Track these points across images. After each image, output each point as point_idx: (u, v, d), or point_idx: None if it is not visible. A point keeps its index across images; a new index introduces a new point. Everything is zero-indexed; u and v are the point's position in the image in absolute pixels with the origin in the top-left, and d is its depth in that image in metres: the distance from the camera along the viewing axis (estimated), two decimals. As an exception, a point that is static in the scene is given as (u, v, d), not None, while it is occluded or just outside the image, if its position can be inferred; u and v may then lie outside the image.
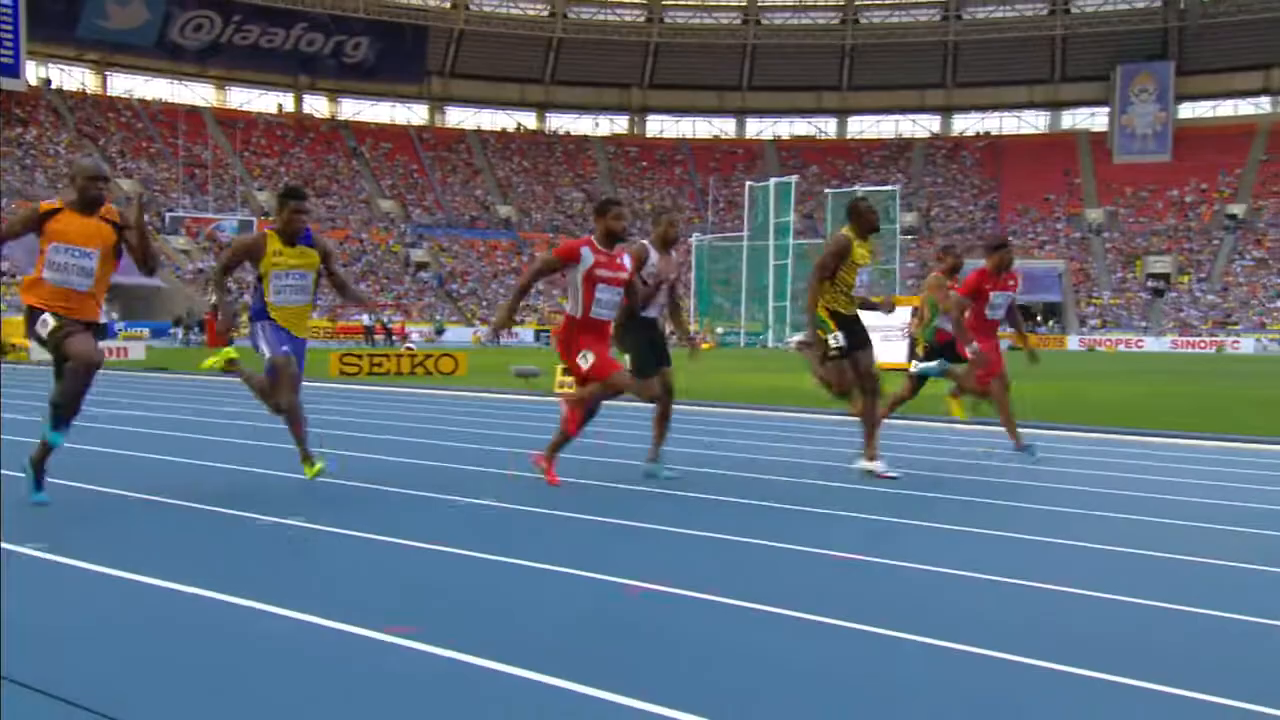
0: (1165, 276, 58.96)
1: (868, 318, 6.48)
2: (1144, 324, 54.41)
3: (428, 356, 18.29)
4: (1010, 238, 66.47)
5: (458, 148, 73.98)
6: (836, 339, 6.36)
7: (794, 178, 35.67)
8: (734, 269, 47.20)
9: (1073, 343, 51.18)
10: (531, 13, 74.56)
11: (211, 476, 5.79)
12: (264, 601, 3.10)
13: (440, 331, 46.15)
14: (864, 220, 6.44)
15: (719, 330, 42.91)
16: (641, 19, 75.57)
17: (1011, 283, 7.32)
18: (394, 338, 38.54)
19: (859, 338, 6.42)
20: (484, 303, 57.25)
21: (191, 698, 2.38)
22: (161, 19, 64.34)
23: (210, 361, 5.72)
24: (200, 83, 70.84)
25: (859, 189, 47.70)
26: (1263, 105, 71.43)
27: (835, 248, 6.42)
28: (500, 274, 60.79)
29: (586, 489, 5.58)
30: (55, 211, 4.64)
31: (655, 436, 6.14)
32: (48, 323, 4.59)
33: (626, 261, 5.76)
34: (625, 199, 72.09)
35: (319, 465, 5.32)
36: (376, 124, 74.03)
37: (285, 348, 5.26)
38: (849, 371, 6.45)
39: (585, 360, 5.60)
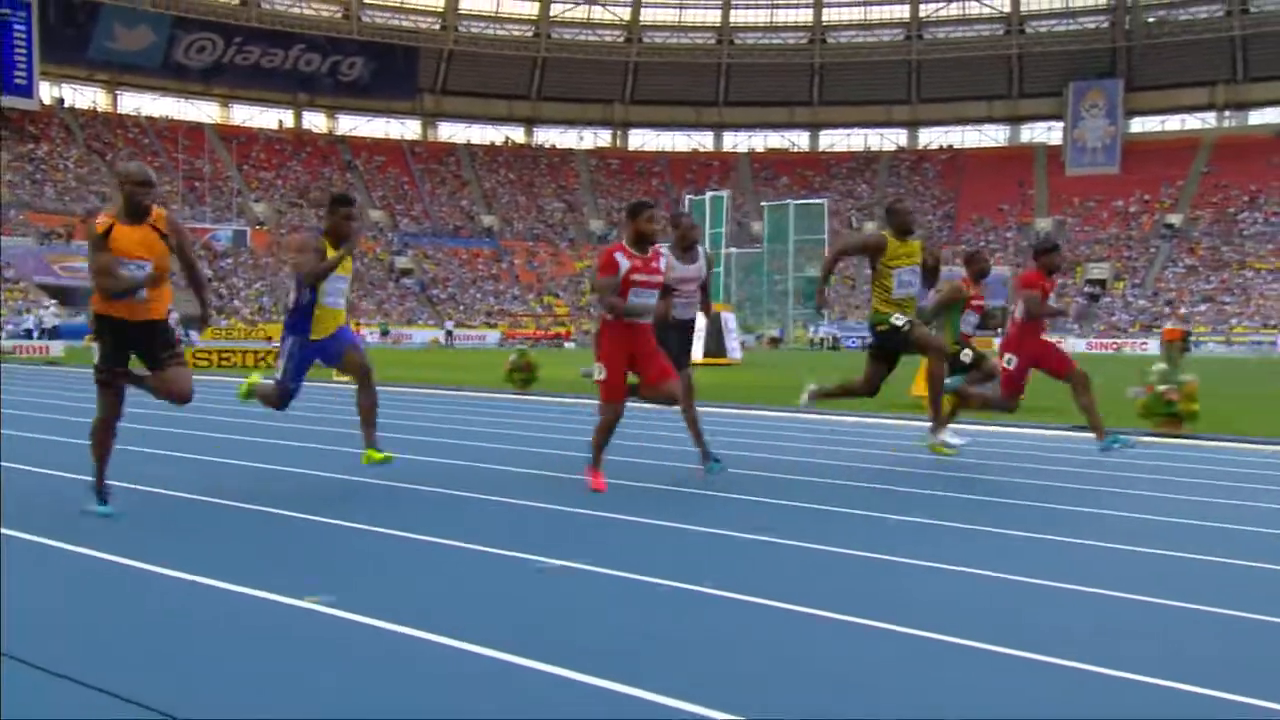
0: (1102, 282, 61.84)
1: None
2: (1074, 327, 57.28)
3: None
4: (962, 245, 69.71)
5: (448, 161, 77.40)
6: (899, 319, 6.50)
7: (726, 192, 38.68)
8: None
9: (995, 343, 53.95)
10: (517, 34, 77.99)
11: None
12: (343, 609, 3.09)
13: (385, 333, 48.72)
14: (898, 220, 6.53)
15: None
16: (621, 39, 78.95)
17: (1052, 286, 7.31)
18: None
19: (889, 349, 6.57)
20: (461, 306, 60.52)
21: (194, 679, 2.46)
22: (166, 41, 67.99)
23: (244, 388, 5.93)
24: (206, 100, 74.42)
25: (790, 202, 50.78)
26: (1208, 120, 74.20)
27: (865, 238, 6.60)
28: (479, 280, 64.08)
29: (622, 489, 5.57)
30: (110, 229, 4.58)
31: (695, 439, 6.19)
32: (95, 354, 4.63)
33: (662, 264, 5.74)
34: (604, 208, 75.58)
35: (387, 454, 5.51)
36: (372, 139, 77.52)
37: (296, 384, 5.55)
38: (862, 380, 6.77)
39: (600, 373, 5.61)
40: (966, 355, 7.65)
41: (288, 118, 76.25)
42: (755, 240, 73.75)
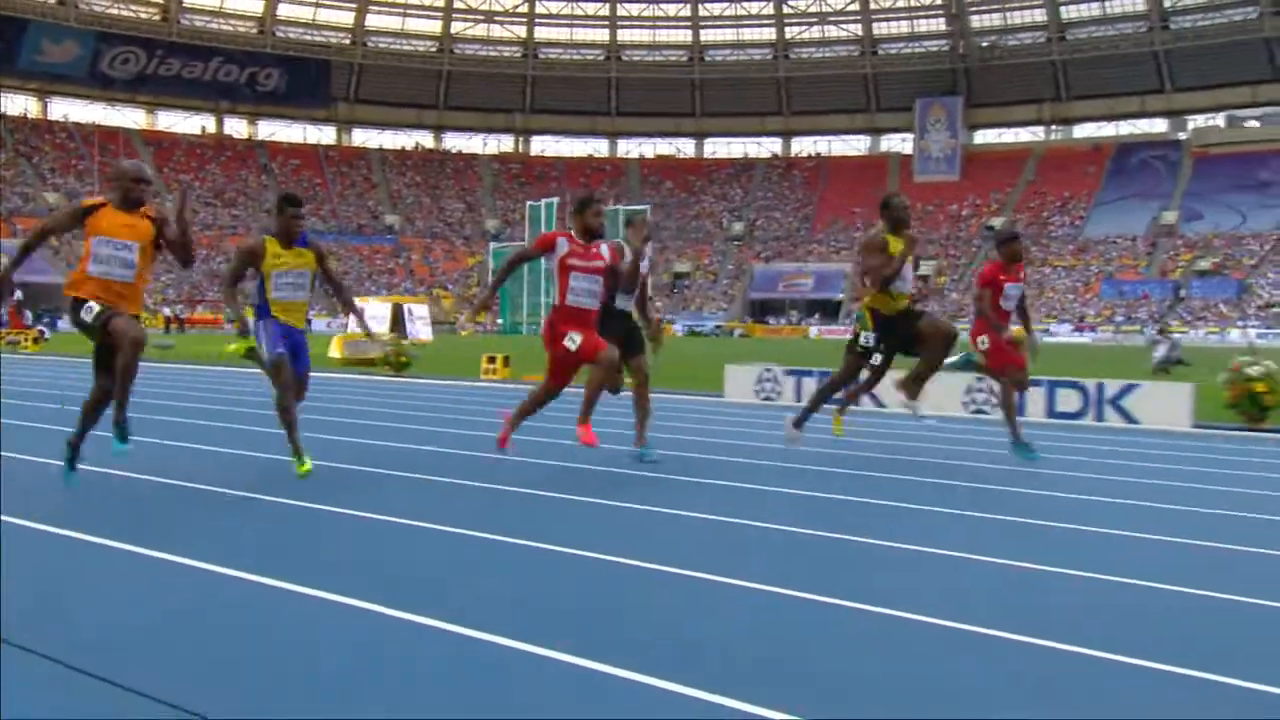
0: (925, 278, 69.19)
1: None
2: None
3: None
4: (816, 244, 76.79)
5: (359, 164, 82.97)
6: (867, 339, 6.49)
7: (555, 199, 45.04)
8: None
9: (813, 332, 60.67)
10: (422, 49, 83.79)
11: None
12: (288, 580, 3.15)
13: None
14: (895, 215, 6.41)
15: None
16: (519, 55, 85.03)
17: (1021, 275, 7.16)
18: (185, 327, 43.95)
19: (898, 336, 6.47)
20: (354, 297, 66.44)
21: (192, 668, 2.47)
22: (92, 54, 72.83)
23: (233, 347, 5.80)
24: (133, 107, 79.32)
25: (616, 207, 57.23)
26: (1038, 134, 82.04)
27: (877, 245, 6.39)
28: (375, 274, 69.90)
29: (577, 473, 5.72)
30: (98, 207, 4.63)
31: (639, 423, 6.35)
32: (93, 309, 4.61)
33: (604, 251, 5.84)
34: (501, 209, 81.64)
35: (309, 464, 5.41)
36: (290, 143, 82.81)
37: (281, 349, 5.48)
38: (872, 375, 6.79)
39: (573, 343, 5.67)
40: (877, 357, 8.20)
41: (210, 124, 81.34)
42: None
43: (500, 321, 53.31)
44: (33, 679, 2.33)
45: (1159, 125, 77.76)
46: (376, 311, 26.37)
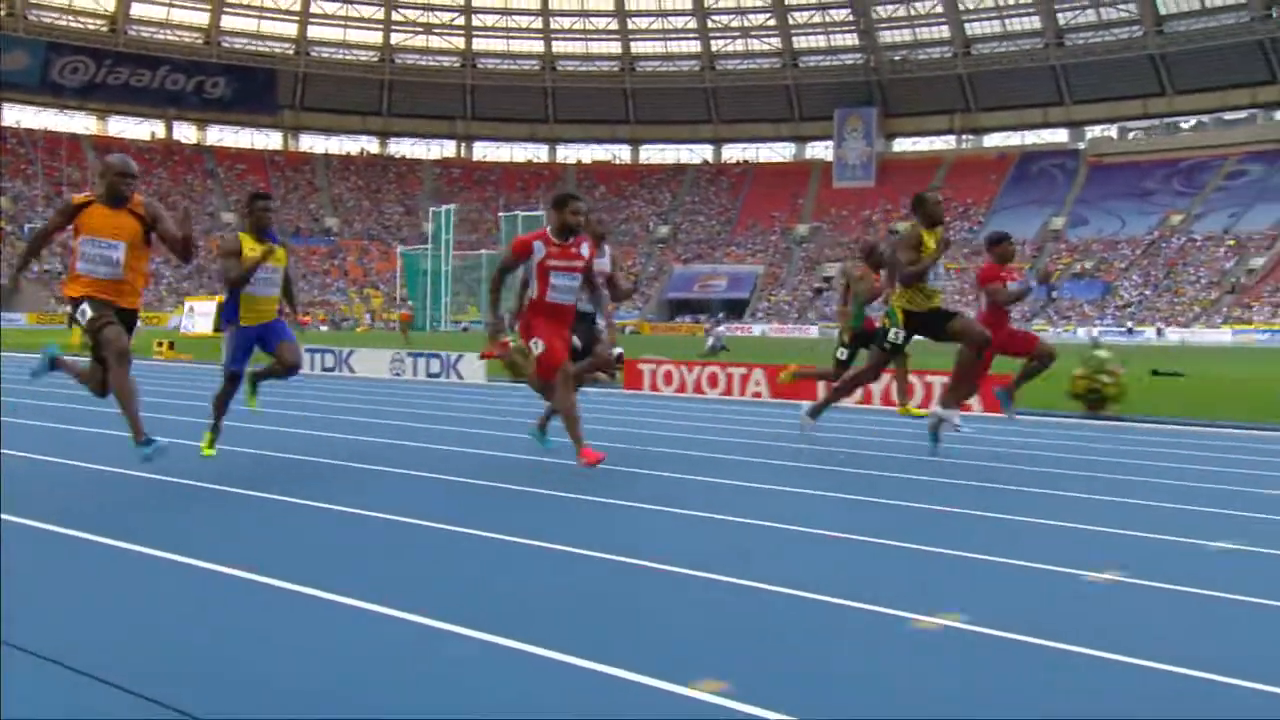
0: (829, 279, 73.32)
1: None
2: (794, 315, 68.69)
3: None
4: (734, 247, 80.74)
5: (304, 169, 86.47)
6: (897, 335, 6.46)
7: (453, 205, 48.84)
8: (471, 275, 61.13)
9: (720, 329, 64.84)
10: (364, 59, 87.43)
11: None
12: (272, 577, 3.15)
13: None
14: (929, 211, 6.46)
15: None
16: (457, 64, 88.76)
17: (1013, 276, 7.30)
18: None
19: (934, 329, 6.46)
20: (290, 296, 70.03)
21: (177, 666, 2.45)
22: (42, 63, 76.08)
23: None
24: (85, 114, 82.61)
25: (518, 213, 61.10)
26: (952, 142, 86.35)
27: (911, 241, 6.38)
28: (309, 274, 73.52)
29: (554, 468, 5.80)
30: (86, 205, 4.65)
31: (546, 411, 6.35)
32: (86, 312, 4.63)
33: (584, 250, 5.89)
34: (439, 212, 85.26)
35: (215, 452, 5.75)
36: (237, 149, 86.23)
37: (235, 367, 5.76)
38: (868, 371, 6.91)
39: (536, 347, 5.74)
40: (842, 353, 8.21)
41: (160, 129, 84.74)
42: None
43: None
44: (34, 680, 2.30)
45: (1061, 135, 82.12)
46: (205, 309, 29.64)
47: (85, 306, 4.68)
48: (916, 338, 6.67)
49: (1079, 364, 10.16)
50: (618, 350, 8.93)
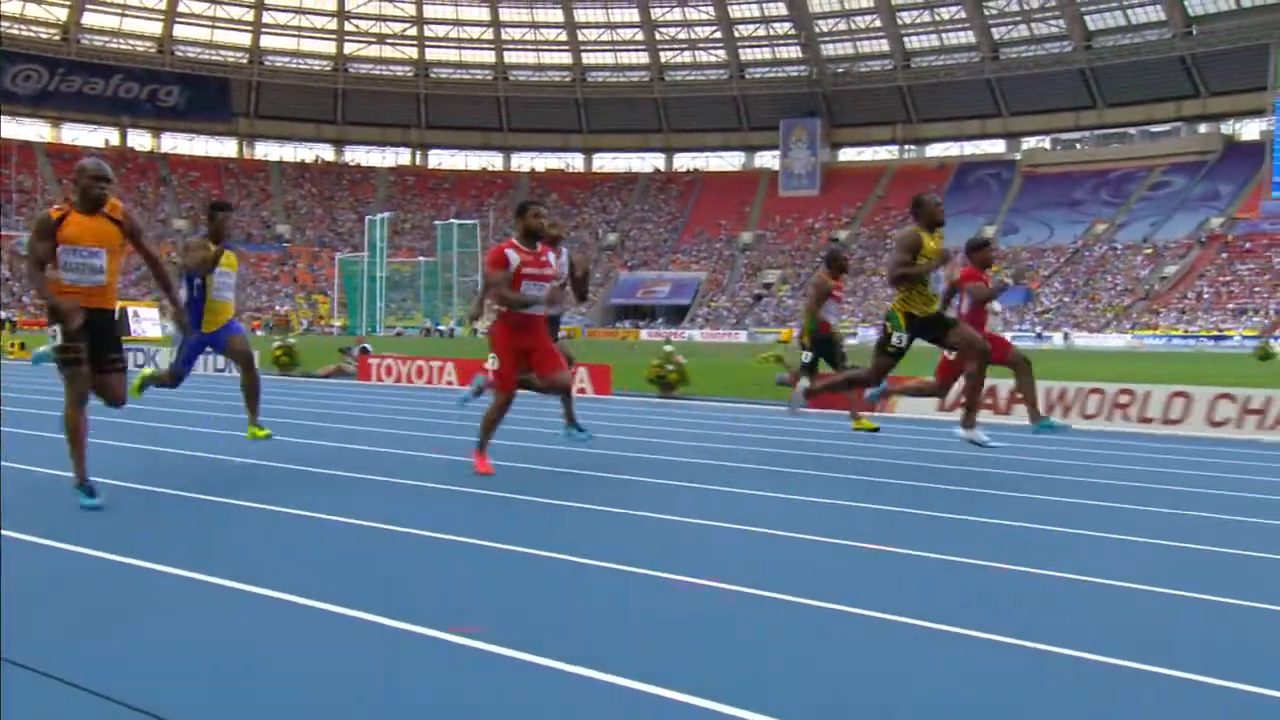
0: (769, 285, 75.89)
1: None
2: (732, 321, 71.13)
3: None
4: (679, 254, 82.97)
5: (258, 176, 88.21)
6: (900, 338, 6.47)
7: (387, 214, 50.92)
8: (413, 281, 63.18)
9: (645, 334, 66.60)
10: (317, 68, 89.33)
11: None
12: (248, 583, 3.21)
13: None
14: (928, 213, 6.46)
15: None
16: (411, 74, 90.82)
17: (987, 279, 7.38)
18: (16, 328, 49.39)
19: (934, 335, 6.49)
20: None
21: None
22: (-6, 71, 77.62)
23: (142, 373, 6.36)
24: (38, 122, 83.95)
25: (454, 222, 63.46)
26: (894, 152, 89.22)
27: (908, 243, 6.40)
28: (258, 280, 75.27)
29: (519, 470, 5.95)
30: (63, 218, 4.68)
31: (566, 406, 6.60)
32: (56, 338, 4.63)
33: (551, 258, 6.06)
34: (392, 220, 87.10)
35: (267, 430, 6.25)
36: (191, 156, 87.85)
37: (183, 368, 6.27)
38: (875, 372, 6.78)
39: (493, 364, 5.87)
40: (807, 356, 8.36)
41: (114, 137, 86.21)
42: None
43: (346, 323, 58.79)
44: (35, 698, 2.28)
45: (999, 146, 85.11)
46: (149, 314, 31.72)
47: (57, 330, 4.63)
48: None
49: (656, 358, 12.84)
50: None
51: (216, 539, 4.11)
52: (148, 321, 31.52)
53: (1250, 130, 71.98)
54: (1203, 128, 75.15)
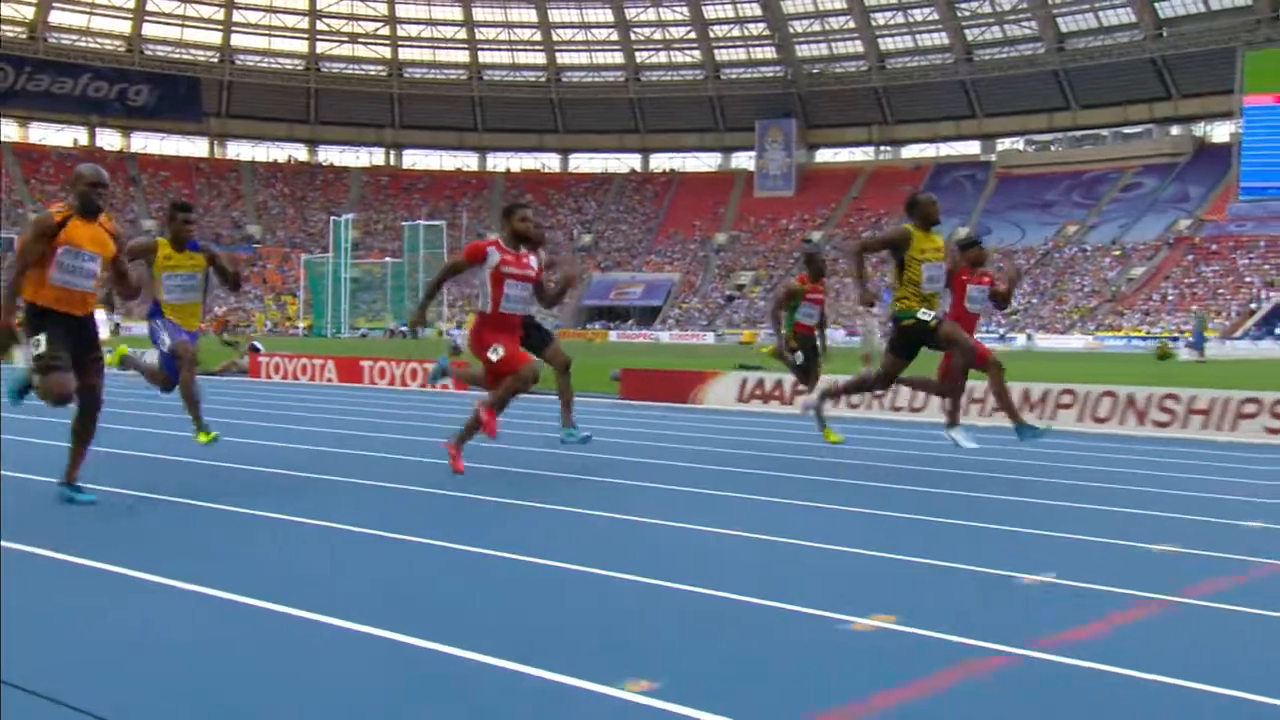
0: (741, 286, 76.85)
1: None
2: (704, 323, 72.02)
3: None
4: (653, 255, 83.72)
5: (229, 177, 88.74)
6: (926, 314, 6.41)
7: (351, 215, 51.66)
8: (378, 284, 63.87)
9: (614, 336, 67.51)
10: (290, 67, 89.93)
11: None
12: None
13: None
14: (922, 211, 6.46)
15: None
16: (384, 73, 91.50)
17: (986, 279, 7.38)
18: None
19: (918, 340, 6.51)
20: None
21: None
22: (-41, 70, 77.98)
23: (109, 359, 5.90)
24: (5, 121, 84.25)
25: (420, 223, 64.22)
26: (870, 153, 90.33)
27: (888, 232, 6.66)
28: (228, 281, 75.91)
29: (492, 471, 6.11)
30: (65, 220, 4.71)
31: (564, 407, 6.82)
32: (40, 344, 4.64)
33: (533, 261, 6.11)
34: (364, 219, 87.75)
35: (215, 434, 6.07)
36: (162, 156, 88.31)
37: (183, 335, 6.00)
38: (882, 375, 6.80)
39: (495, 354, 5.88)
40: (798, 358, 8.40)
41: (83, 136, 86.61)
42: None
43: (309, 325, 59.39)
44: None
45: (974, 147, 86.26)
46: (99, 316, 32.11)
47: (41, 339, 4.65)
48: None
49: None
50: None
51: (156, 538, 4.23)
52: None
53: (1221, 133, 73.25)
54: (1175, 129, 76.42)
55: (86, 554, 3.80)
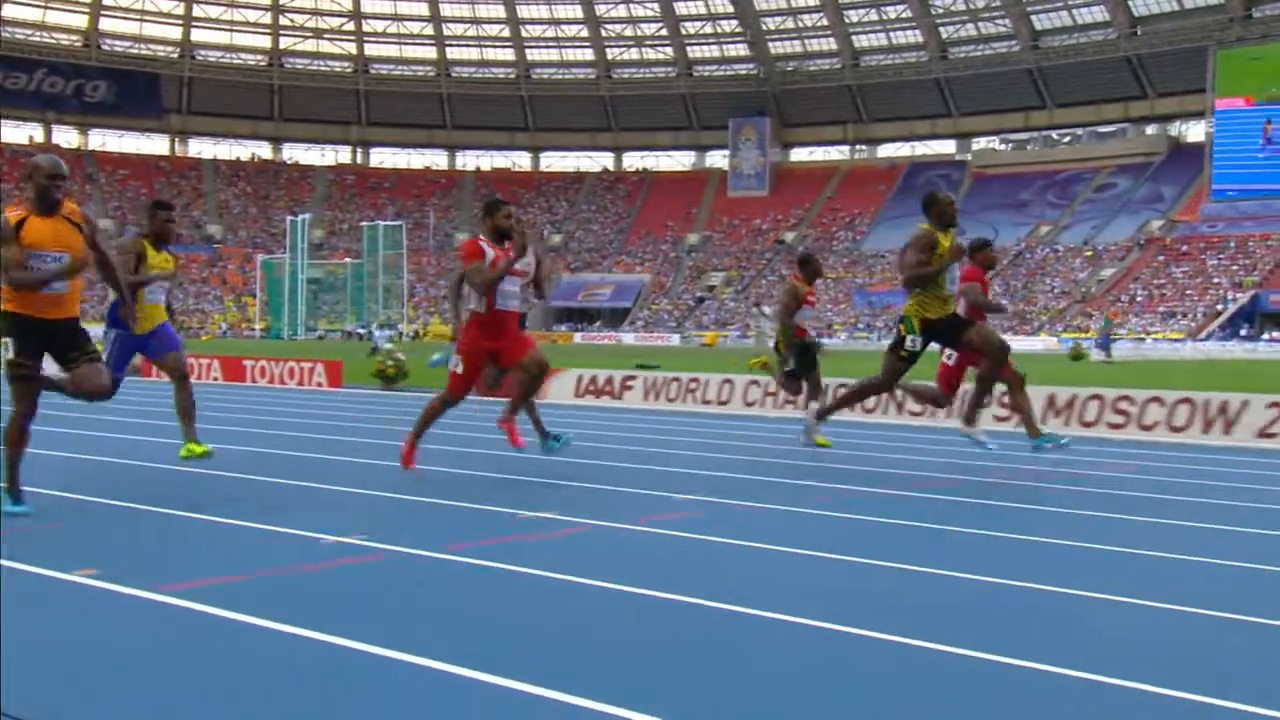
0: (712, 287, 77.25)
1: None
2: (672, 324, 72.36)
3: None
4: (624, 256, 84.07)
5: (190, 175, 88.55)
6: (914, 343, 6.45)
7: (308, 215, 51.79)
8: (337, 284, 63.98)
9: (578, 338, 67.85)
10: (252, 62, 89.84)
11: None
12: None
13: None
14: (942, 211, 6.44)
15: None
16: (350, 69, 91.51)
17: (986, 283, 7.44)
18: None
19: (951, 338, 6.55)
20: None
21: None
22: (-91, 65, 77.58)
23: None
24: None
25: (380, 223, 64.39)
26: (845, 152, 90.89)
27: (923, 241, 6.38)
28: (185, 283, 75.67)
29: (459, 477, 6.25)
30: (22, 222, 4.54)
31: (533, 420, 6.79)
32: (9, 349, 4.56)
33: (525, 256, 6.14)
34: (329, 219, 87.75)
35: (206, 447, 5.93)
36: (120, 154, 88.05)
37: (119, 375, 5.78)
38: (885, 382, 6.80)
39: (456, 365, 6.06)
40: (789, 364, 8.36)
41: (39, 133, 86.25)
42: (456, 249, 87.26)
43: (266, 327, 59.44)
44: None
45: (950, 147, 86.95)
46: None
47: (10, 341, 4.53)
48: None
49: (380, 356, 15.32)
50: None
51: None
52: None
53: (1196, 132, 74.09)
54: (1150, 129, 77.29)
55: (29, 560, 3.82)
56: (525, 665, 2.78)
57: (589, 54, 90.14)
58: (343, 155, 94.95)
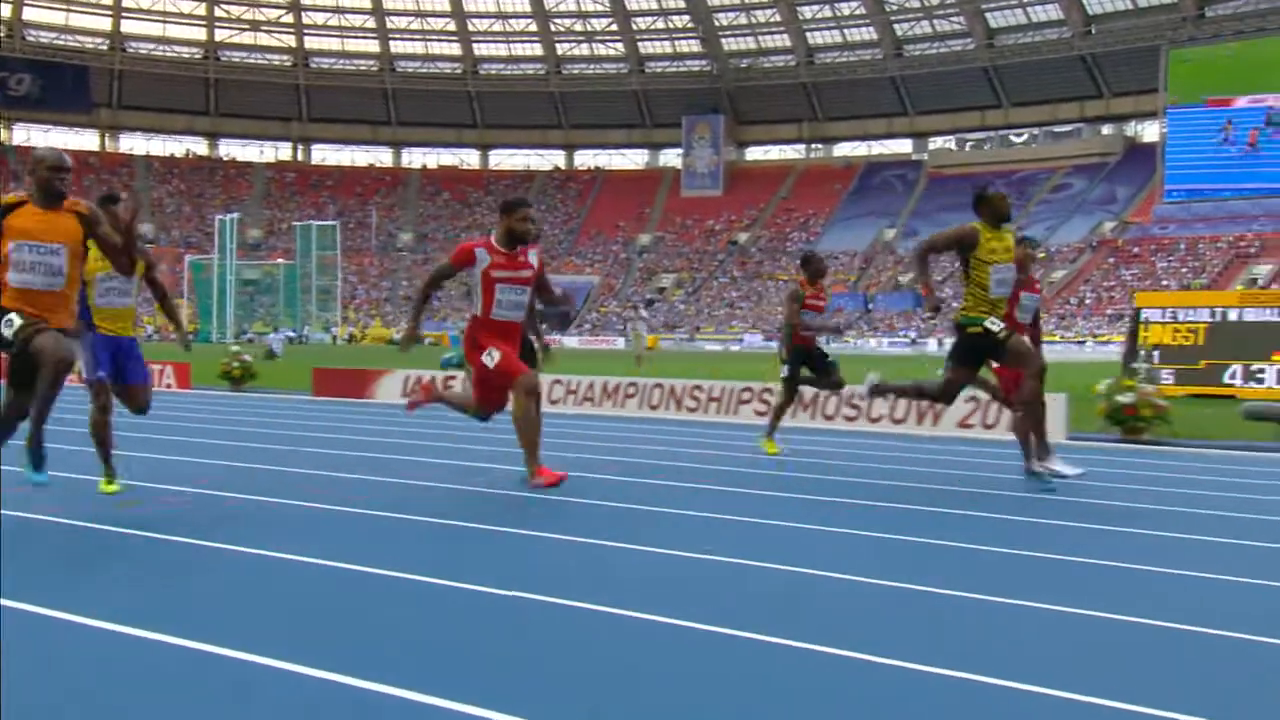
0: (662, 289, 77.29)
1: None
2: (620, 327, 72.25)
3: None
4: (574, 257, 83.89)
5: (122, 172, 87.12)
6: (994, 322, 6.16)
7: (235, 214, 51.11)
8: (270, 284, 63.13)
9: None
10: (186, 55, 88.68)
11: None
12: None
13: None
14: (994, 207, 6.22)
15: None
16: (289, 63, 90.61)
17: (1037, 285, 7.18)
18: None
19: (978, 354, 6.29)
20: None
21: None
22: None
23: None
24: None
25: (312, 223, 63.77)
26: (801, 151, 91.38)
27: (955, 231, 6.32)
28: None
29: (457, 493, 5.91)
30: (16, 205, 4.43)
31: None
32: (13, 321, 4.35)
33: (532, 259, 5.85)
34: (267, 217, 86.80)
35: (118, 485, 5.46)
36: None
37: (101, 373, 5.44)
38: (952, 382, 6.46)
39: (490, 358, 5.68)
40: (783, 370, 8.14)
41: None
42: (399, 250, 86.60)
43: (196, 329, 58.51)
44: None
45: (906, 146, 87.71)
46: None
47: (12, 316, 4.35)
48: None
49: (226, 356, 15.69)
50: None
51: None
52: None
53: (1151, 132, 75.25)
54: (1106, 129, 78.43)
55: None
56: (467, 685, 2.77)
57: (538, 49, 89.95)
58: (283, 152, 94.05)
